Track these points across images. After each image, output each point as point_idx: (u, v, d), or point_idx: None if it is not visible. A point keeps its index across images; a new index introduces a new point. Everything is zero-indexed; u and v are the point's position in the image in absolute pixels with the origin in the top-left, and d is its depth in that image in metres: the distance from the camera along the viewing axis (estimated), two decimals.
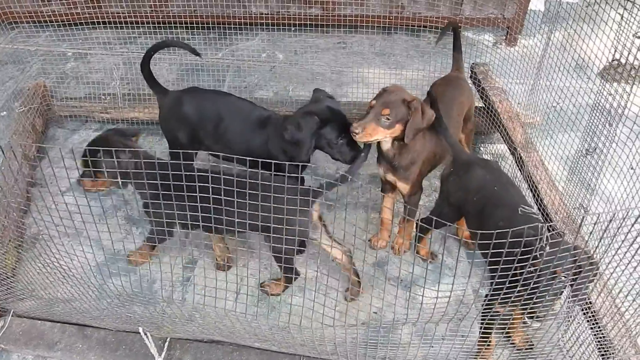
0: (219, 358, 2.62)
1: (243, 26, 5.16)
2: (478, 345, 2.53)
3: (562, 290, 2.03)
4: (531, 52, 3.62)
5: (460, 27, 3.54)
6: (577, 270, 1.95)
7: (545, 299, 1.99)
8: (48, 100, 4.10)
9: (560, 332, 2.47)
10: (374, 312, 2.87)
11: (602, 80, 2.72)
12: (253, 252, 3.09)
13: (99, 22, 4.47)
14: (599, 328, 2.42)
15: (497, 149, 3.96)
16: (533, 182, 3.22)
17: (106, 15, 4.65)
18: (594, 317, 2.47)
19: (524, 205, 2.26)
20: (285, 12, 5.00)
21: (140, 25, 4.39)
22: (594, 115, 2.76)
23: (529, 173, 3.29)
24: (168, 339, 2.66)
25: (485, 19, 4.99)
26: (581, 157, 2.98)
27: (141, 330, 2.53)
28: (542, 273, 1.87)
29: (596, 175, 2.83)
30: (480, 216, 2.57)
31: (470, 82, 4.16)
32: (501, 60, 3.85)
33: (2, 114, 4.31)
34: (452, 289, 1.80)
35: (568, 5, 2.94)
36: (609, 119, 2.59)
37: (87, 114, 4.16)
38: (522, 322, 2.57)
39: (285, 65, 4.89)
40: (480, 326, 2.41)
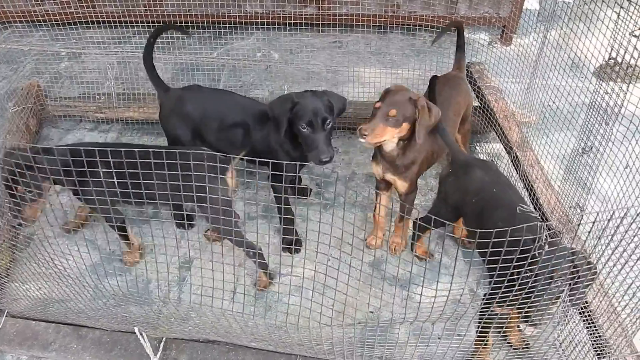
0: (215, 358, 2.62)
1: (238, 25, 5.15)
2: (475, 345, 2.53)
3: (559, 295, 2.02)
4: (526, 51, 3.62)
5: (462, 27, 3.52)
6: (575, 274, 1.95)
7: (542, 303, 1.99)
8: (42, 100, 4.08)
9: (557, 332, 2.47)
10: (370, 312, 2.87)
11: (598, 79, 2.73)
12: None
13: (93, 22, 4.44)
14: (595, 328, 2.42)
15: (492, 148, 3.96)
16: (529, 181, 3.22)
17: (100, 14, 4.64)
18: (590, 317, 2.47)
19: (522, 205, 2.26)
20: (280, 11, 4.99)
21: (135, 24, 4.37)
22: (590, 114, 2.76)
23: (524, 172, 3.29)
24: (164, 338, 2.65)
25: (480, 18, 4.99)
26: (577, 156, 2.98)
27: (137, 330, 2.52)
28: (539, 275, 1.86)
29: (592, 174, 2.83)
30: (478, 218, 2.57)
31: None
32: (497, 60, 3.85)
33: None
34: (450, 288, 1.79)
35: (564, 4, 2.94)
36: (605, 117, 2.59)
37: (82, 113, 4.14)
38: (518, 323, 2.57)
39: (280, 65, 4.88)
40: (478, 326, 2.41)
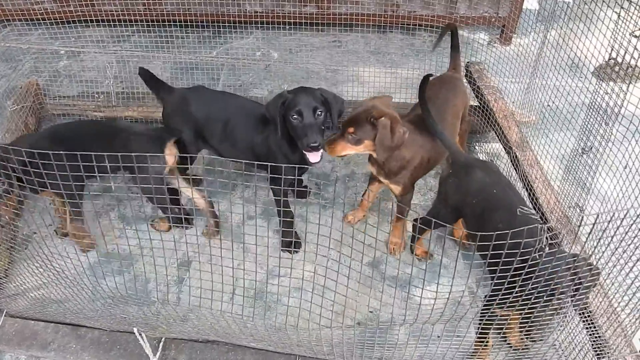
0: (214, 358, 2.61)
1: (237, 24, 5.14)
2: (475, 346, 2.53)
3: (559, 307, 2.01)
4: (526, 51, 3.62)
5: (456, 28, 3.51)
6: (577, 280, 1.94)
7: (542, 317, 1.99)
8: (41, 98, 4.07)
9: (556, 333, 2.47)
10: (369, 312, 2.86)
11: (598, 79, 2.72)
12: (248, 253, 3.08)
13: (92, 20, 4.44)
14: (595, 328, 2.42)
15: (492, 147, 3.96)
16: (528, 181, 3.22)
17: (99, 13, 4.63)
18: (589, 317, 2.47)
19: (522, 207, 2.25)
20: (279, 10, 4.98)
21: (134, 23, 4.36)
22: (590, 114, 2.76)
23: (524, 172, 3.29)
24: (163, 339, 2.65)
25: (480, 18, 4.99)
26: (577, 156, 2.97)
27: (136, 330, 2.52)
28: (540, 289, 1.85)
29: (592, 175, 2.83)
30: (479, 219, 2.57)
31: (465, 81, 4.16)
32: (496, 59, 3.85)
33: None
34: (451, 290, 1.79)
35: (564, 4, 2.94)
36: (605, 118, 2.58)
37: (80, 112, 4.12)
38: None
39: (280, 64, 4.88)
40: (478, 327, 2.41)
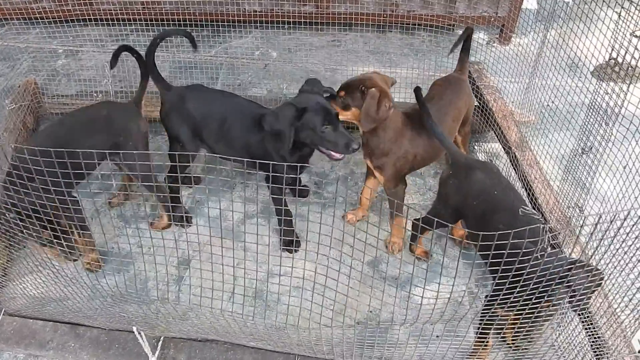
0: (213, 357, 2.61)
1: (236, 24, 5.13)
2: (475, 346, 2.53)
3: (555, 309, 2.02)
4: (525, 51, 3.62)
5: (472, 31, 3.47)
6: (575, 286, 1.93)
7: (537, 316, 1.99)
8: (39, 97, 4.06)
9: (555, 333, 2.47)
10: (369, 312, 2.86)
11: (598, 80, 2.72)
12: (248, 252, 3.08)
13: (90, 19, 4.42)
14: (594, 328, 2.42)
15: (491, 147, 3.96)
16: (527, 182, 3.22)
17: (97, 12, 4.61)
18: (588, 318, 2.47)
19: (524, 207, 2.26)
20: (278, 9, 4.98)
21: (132, 22, 4.35)
22: (590, 114, 2.76)
23: (523, 172, 3.29)
24: (162, 337, 2.64)
25: (479, 17, 4.99)
26: (576, 157, 2.97)
27: (135, 329, 2.51)
28: (535, 283, 1.85)
29: (591, 175, 2.83)
30: (479, 220, 2.57)
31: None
32: (495, 59, 3.85)
33: None
34: (452, 290, 1.79)
35: (564, 4, 2.94)
36: (605, 118, 2.59)
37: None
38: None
39: (279, 63, 4.87)
40: (478, 327, 2.40)
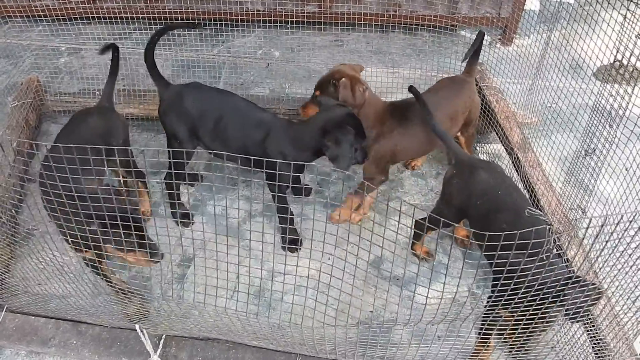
0: (215, 355, 2.61)
1: (239, 23, 5.13)
2: (476, 347, 2.53)
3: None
4: (527, 52, 3.62)
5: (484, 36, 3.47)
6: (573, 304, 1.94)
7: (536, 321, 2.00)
8: (41, 95, 4.07)
9: (557, 335, 2.47)
10: (369, 311, 2.87)
11: (601, 81, 2.73)
12: (250, 250, 3.08)
13: (93, 17, 4.42)
14: (595, 330, 2.43)
15: (493, 148, 3.96)
16: (530, 183, 3.23)
17: (100, 10, 4.61)
18: (590, 320, 2.47)
19: (530, 208, 2.25)
20: (281, 9, 4.98)
21: (135, 20, 4.35)
22: (594, 116, 2.76)
23: (525, 173, 3.29)
24: (163, 336, 2.65)
25: (481, 18, 4.99)
26: (580, 158, 2.98)
27: (137, 327, 2.51)
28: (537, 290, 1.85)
29: (595, 177, 2.83)
30: (483, 220, 2.57)
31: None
32: (497, 60, 3.85)
33: None
34: (457, 290, 1.79)
35: (568, 5, 2.94)
36: (609, 120, 2.59)
37: (81, 109, 4.12)
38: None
39: (281, 63, 4.87)
40: (481, 328, 2.41)
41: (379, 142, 3.13)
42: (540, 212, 2.40)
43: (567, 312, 1.94)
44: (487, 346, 2.52)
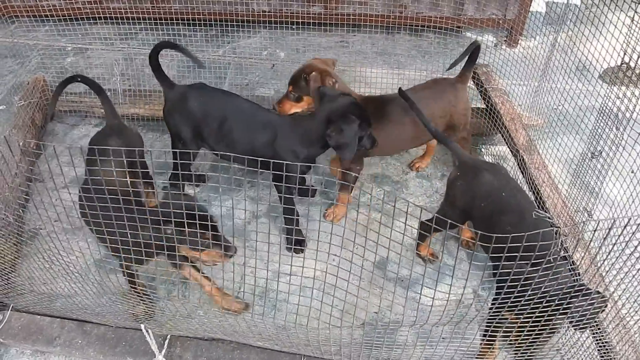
0: (220, 356, 2.61)
1: (244, 23, 5.14)
2: (482, 349, 2.52)
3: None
4: (533, 54, 3.61)
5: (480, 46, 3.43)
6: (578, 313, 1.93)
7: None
8: (47, 94, 4.08)
9: (563, 338, 2.47)
10: (375, 313, 2.87)
11: (607, 83, 2.72)
12: (255, 251, 3.08)
13: (99, 17, 4.44)
14: (601, 333, 2.42)
15: (498, 150, 3.96)
16: (535, 185, 3.22)
17: (107, 10, 4.62)
18: (596, 323, 2.47)
19: (537, 210, 2.25)
20: (287, 10, 4.98)
21: (141, 21, 4.37)
22: (600, 118, 2.76)
23: (530, 175, 3.28)
24: (168, 336, 2.65)
25: (487, 20, 4.99)
26: (586, 160, 2.97)
27: (143, 327, 2.52)
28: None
29: (601, 179, 2.82)
30: (487, 222, 2.57)
31: (471, 84, 4.15)
32: (503, 62, 3.85)
33: (0, 107, 4.28)
34: (463, 291, 1.79)
35: (575, 7, 2.93)
36: (616, 122, 2.58)
37: (87, 109, 4.13)
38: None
39: (286, 64, 4.87)
40: (486, 330, 2.40)
41: None
42: (548, 215, 2.40)
43: (571, 320, 1.94)
44: (492, 348, 2.51)
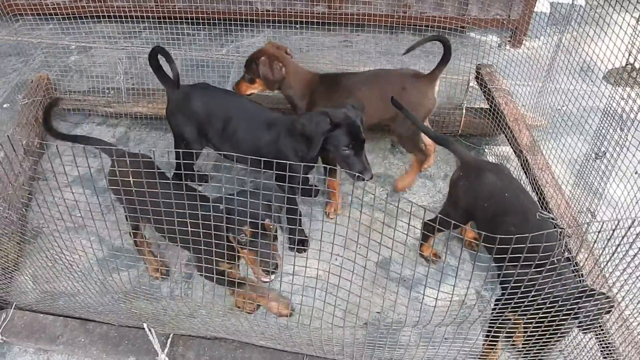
0: (222, 355, 2.61)
1: (248, 22, 5.14)
2: (484, 350, 2.52)
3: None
4: (537, 54, 3.61)
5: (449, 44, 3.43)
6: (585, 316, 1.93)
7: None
8: (51, 93, 4.09)
9: (566, 339, 2.46)
10: (377, 312, 2.86)
11: (612, 84, 2.71)
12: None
13: (103, 16, 4.45)
14: (604, 334, 2.41)
15: (501, 150, 3.95)
16: (538, 185, 3.21)
17: (110, 8, 4.63)
18: (599, 325, 2.46)
19: (541, 211, 2.25)
20: (290, 9, 4.97)
21: (145, 19, 4.37)
22: (604, 119, 2.75)
23: (534, 176, 3.28)
24: (171, 335, 2.65)
25: (491, 20, 4.98)
26: (589, 161, 2.96)
27: (146, 326, 2.52)
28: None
29: (604, 180, 2.81)
30: (490, 222, 2.56)
31: (475, 84, 4.15)
32: (507, 62, 3.84)
33: (4, 105, 4.29)
34: (467, 292, 1.78)
35: (580, 8, 2.93)
36: (620, 123, 2.57)
37: (91, 107, 4.14)
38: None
39: None
40: (489, 331, 2.40)
41: (310, 109, 3.32)
42: (551, 215, 2.39)
43: (579, 323, 1.93)
44: (495, 349, 2.51)
